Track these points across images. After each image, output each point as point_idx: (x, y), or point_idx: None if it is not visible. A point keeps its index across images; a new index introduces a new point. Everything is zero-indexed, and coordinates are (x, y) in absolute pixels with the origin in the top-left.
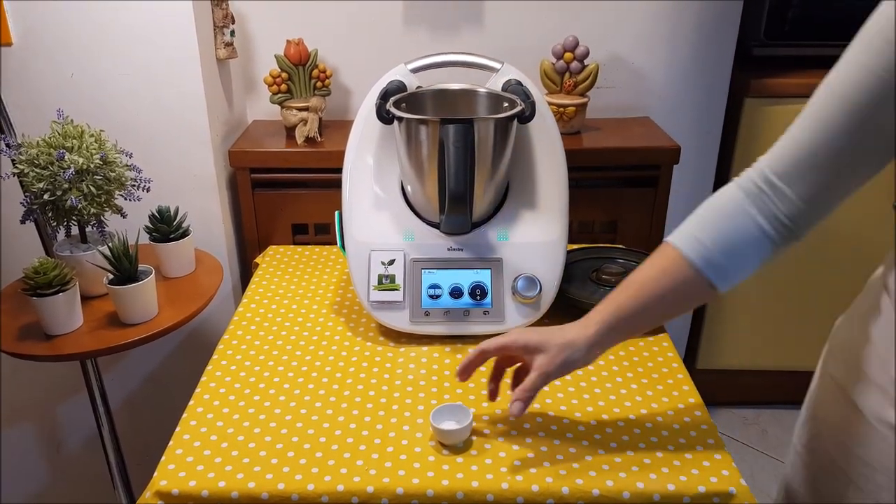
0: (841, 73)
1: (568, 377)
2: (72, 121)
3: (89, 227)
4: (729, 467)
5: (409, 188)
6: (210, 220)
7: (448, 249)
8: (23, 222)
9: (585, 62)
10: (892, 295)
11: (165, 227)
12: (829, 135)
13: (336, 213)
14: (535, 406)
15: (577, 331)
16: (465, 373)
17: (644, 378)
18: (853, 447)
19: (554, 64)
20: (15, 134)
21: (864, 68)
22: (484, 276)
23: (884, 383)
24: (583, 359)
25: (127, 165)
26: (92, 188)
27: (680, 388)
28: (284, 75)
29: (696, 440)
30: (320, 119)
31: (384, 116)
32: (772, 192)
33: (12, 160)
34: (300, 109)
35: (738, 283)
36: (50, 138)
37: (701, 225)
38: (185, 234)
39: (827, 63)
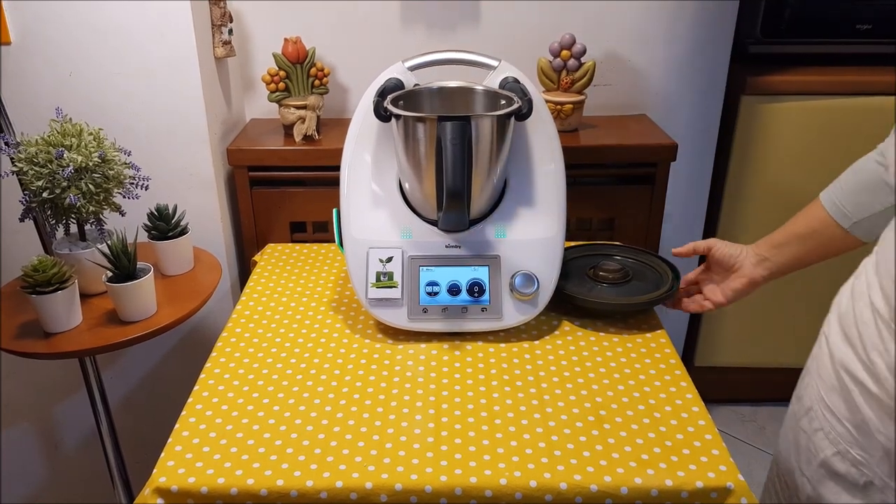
0: None
1: (566, 373)
2: (70, 119)
3: (88, 225)
4: (726, 463)
5: (406, 186)
6: (208, 218)
7: (446, 247)
8: (21, 220)
9: (582, 60)
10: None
11: (164, 225)
12: None
13: (334, 210)
14: (533, 402)
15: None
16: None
17: (642, 374)
18: (825, 394)
19: (551, 61)
20: (14, 132)
21: None
22: (482, 273)
23: (852, 337)
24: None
25: (125, 164)
26: (91, 186)
27: (678, 385)
28: (282, 73)
29: (694, 436)
30: (318, 117)
31: (382, 114)
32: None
33: (11, 158)
34: (298, 108)
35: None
36: (49, 137)
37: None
38: (183, 232)
39: (823, 60)
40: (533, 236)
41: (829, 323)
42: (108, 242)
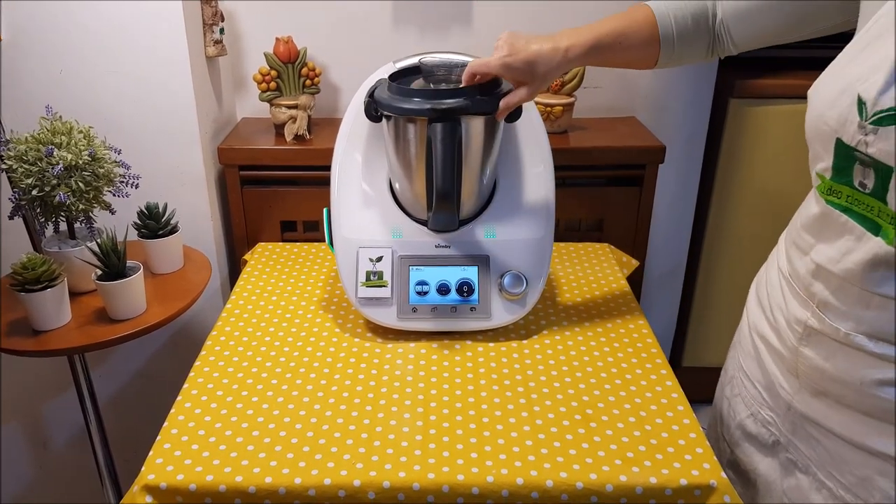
0: None
1: (553, 372)
2: (60, 117)
3: (78, 223)
4: (710, 461)
5: (397, 186)
6: (199, 217)
7: (436, 247)
8: (11, 218)
9: None
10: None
11: (154, 223)
12: None
13: (325, 210)
14: (521, 400)
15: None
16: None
17: (628, 374)
18: (742, 361)
19: None
20: (3, 130)
21: None
22: (471, 273)
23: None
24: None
25: (116, 162)
26: (80, 184)
27: (663, 384)
28: (274, 73)
29: (679, 434)
30: (309, 117)
31: (372, 114)
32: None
33: (1, 156)
34: (289, 107)
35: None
36: (39, 134)
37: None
38: (173, 230)
39: (810, 65)
40: (522, 237)
41: (749, 294)
42: (98, 240)
